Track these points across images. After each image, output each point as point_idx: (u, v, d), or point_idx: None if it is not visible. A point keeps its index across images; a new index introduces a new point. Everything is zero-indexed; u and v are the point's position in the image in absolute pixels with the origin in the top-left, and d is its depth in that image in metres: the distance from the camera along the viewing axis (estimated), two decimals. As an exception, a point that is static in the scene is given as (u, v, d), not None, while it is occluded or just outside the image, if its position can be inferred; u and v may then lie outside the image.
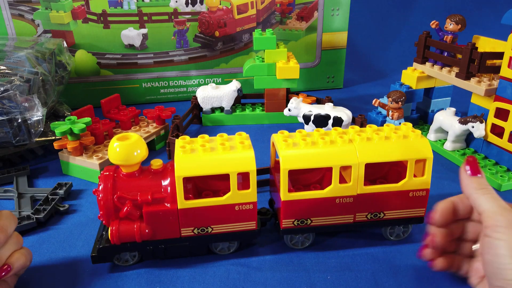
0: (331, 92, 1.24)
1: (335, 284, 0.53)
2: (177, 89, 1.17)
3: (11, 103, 0.72)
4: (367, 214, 0.57)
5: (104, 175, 0.53)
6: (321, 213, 0.56)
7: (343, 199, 0.55)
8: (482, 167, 0.77)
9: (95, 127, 0.80)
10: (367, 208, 0.56)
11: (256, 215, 0.55)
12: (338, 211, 0.56)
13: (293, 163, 0.53)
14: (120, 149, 0.51)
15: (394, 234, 0.60)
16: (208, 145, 0.53)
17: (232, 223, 0.55)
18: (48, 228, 0.64)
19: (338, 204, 0.55)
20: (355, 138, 0.55)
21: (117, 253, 0.55)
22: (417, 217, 0.58)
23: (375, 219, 0.57)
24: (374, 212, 0.57)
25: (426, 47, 0.89)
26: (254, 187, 0.53)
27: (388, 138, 0.56)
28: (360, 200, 0.55)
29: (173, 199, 0.53)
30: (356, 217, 0.57)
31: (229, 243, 0.58)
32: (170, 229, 0.54)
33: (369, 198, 0.56)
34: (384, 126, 0.58)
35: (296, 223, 0.56)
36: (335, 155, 0.54)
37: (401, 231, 0.60)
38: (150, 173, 0.54)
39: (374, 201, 0.56)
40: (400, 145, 0.55)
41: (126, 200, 0.52)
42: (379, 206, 0.57)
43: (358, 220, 0.57)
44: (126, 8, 1.07)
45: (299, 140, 0.55)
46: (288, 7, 1.14)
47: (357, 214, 0.57)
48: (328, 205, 0.55)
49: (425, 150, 0.55)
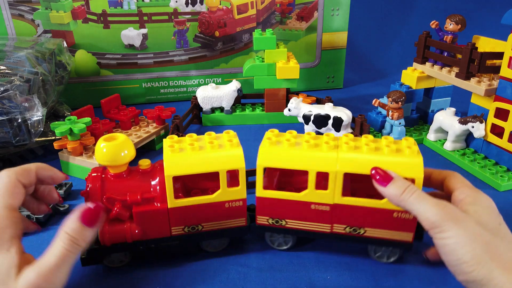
0: (331, 92, 1.24)
1: (335, 284, 0.53)
2: (177, 89, 1.17)
3: (11, 103, 0.72)
4: (345, 227, 0.54)
5: (92, 176, 0.53)
6: (296, 216, 0.55)
7: (318, 205, 0.53)
8: (482, 167, 0.77)
9: (95, 127, 0.80)
10: (345, 220, 0.53)
11: (245, 212, 0.56)
12: (313, 218, 0.54)
13: (269, 161, 0.53)
14: (107, 150, 0.51)
15: (379, 255, 0.56)
16: (196, 143, 0.54)
17: (222, 220, 0.56)
18: (48, 228, 0.64)
19: (314, 210, 0.53)
20: (342, 146, 0.52)
21: (107, 255, 0.54)
22: (403, 242, 0.53)
23: (354, 234, 0.54)
24: (354, 227, 0.53)
25: (426, 47, 0.89)
26: (243, 184, 0.54)
27: (378, 150, 0.51)
28: (337, 210, 0.53)
29: (163, 199, 0.53)
30: (333, 228, 0.54)
31: (219, 241, 0.58)
32: (161, 228, 0.54)
33: (347, 210, 0.52)
34: (382, 138, 0.54)
35: (270, 221, 0.56)
36: (313, 160, 0.52)
37: (386, 253, 0.55)
38: (139, 173, 0.54)
39: (353, 215, 0.53)
40: (389, 160, 0.50)
41: (115, 201, 0.52)
42: (359, 221, 0.53)
43: (335, 232, 0.54)
44: (126, 8, 1.07)
45: (284, 139, 0.54)
46: (288, 7, 1.14)
47: (334, 224, 0.54)
48: (303, 209, 0.54)
49: (416, 170, 0.49)
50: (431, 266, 0.55)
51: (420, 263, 0.56)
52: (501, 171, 0.75)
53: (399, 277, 0.54)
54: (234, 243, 0.60)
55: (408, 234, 0.52)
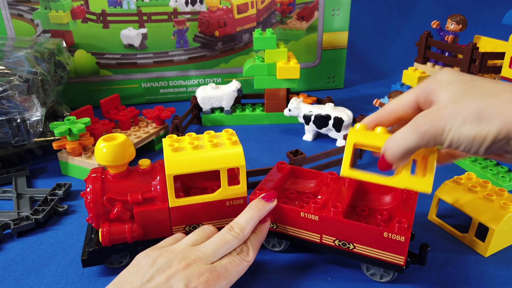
0: (331, 92, 1.24)
1: (335, 284, 0.53)
2: (176, 89, 1.17)
3: (10, 103, 0.71)
4: (334, 239, 0.52)
5: (92, 177, 0.53)
6: (286, 221, 0.54)
7: (308, 214, 0.52)
8: (483, 168, 0.76)
9: (94, 128, 0.80)
10: (333, 232, 0.52)
11: None
12: (303, 226, 0.53)
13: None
14: (106, 150, 0.51)
15: (371, 271, 0.54)
16: (196, 142, 0.54)
17: (223, 219, 0.56)
18: (47, 229, 0.64)
19: (303, 218, 0.53)
20: None
21: (108, 255, 0.54)
22: (393, 264, 0.50)
23: (344, 248, 0.52)
24: (342, 241, 0.52)
25: (427, 47, 0.89)
26: (244, 182, 0.54)
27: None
28: (326, 221, 0.52)
29: (163, 198, 0.53)
30: (322, 239, 0.53)
31: None
32: (162, 228, 0.54)
33: (335, 222, 0.51)
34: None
35: None
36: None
37: (379, 273, 0.53)
38: (138, 173, 0.54)
39: (340, 228, 0.51)
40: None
41: (116, 202, 0.51)
42: (347, 236, 0.51)
43: (325, 243, 0.53)
44: (125, 7, 1.06)
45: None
46: (288, 6, 1.14)
47: (323, 235, 0.53)
48: (293, 215, 0.54)
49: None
50: (432, 268, 0.55)
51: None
52: (502, 172, 0.75)
53: (399, 277, 0.54)
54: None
55: (399, 257, 0.49)
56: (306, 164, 0.72)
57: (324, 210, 0.52)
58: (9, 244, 0.61)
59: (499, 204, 0.57)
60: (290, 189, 0.61)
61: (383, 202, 0.58)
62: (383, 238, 0.49)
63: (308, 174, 0.62)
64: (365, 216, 0.56)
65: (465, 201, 0.59)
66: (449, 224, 0.63)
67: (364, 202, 0.58)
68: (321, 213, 0.52)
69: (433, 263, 0.56)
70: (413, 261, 0.52)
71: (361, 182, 0.59)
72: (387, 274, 0.53)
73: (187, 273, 0.44)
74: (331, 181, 0.59)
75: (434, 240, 0.61)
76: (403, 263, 0.50)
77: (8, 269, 0.56)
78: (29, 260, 0.58)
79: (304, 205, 0.57)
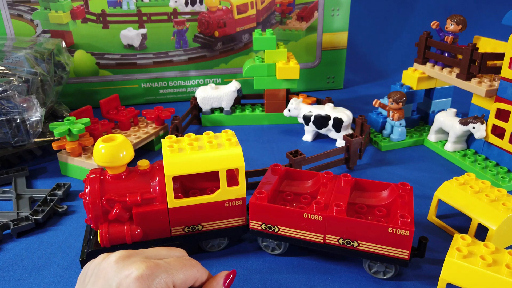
0: (331, 92, 1.24)
1: (335, 285, 0.53)
2: (176, 90, 1.17)
3: (10, 104, 0.71)
4: (338, 238, 0.53)
5: (91, 177, 0.52)
6: (288, 224, 0.54)
7: (311, 215, 0.52)
8: (483, 169, 0.76)
9: (94, 128, 0.80)
10: (337, 232, 0.52)
11: (245, 210, 0.56)
12: (306, 227, 0.53)
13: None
14: (105, 151, 0.50)
15: (373, 270, 0.54)
16: (195, 143, 0.54)
17: (222, 220, 0.56)
18: (46, 229, 0.64)
19: (306, 219, 0.53)
20: None
21: None
22: (398, 259, 0.51)
23: (348, 246, 0.53)
24: (347, 239, 0.52)
25: (427, 48, 0.89)
26: (243, 183, 0.54)
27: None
28: (330, 221, 0.52)
29: (163, 199, 0.53)
30: (326, 239, 0.53)
31: (219, 240, 0.58)
32: (161, 229, 0.54)
33: (339, 221, 0.52)
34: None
35: (263, 227, 0.55)
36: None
37: (382, 269, 0.54)
38: (137, 174, 0.54)
39: (344, 227, 0.52)
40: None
41: (115, 202, 0.51)
42: (351, 234, 0.52)
43: (328, 243, 0.53)
44: (125, 8, 1.06)
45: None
46: (288, 7, 1.14)
47: (327, 235, 0.53)
48: (295, 217, 0.53)
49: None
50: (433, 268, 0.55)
51: (420, 263, 0.55)
52: (502, 172, 0.75)
53: (400, 278, 0.54)
54: (234, 244, 0.60)
55: (403, 251, 0.50)
56: (306, 164, 0.72)
57: (327, 210, 0.52)
58: (9, 245, 0.61)
59: (499, 205, 0.57)
60: (286, 191, 0.61)
61: (380, 198, 0.59)
62: (388, 234, 0.50)
63: (303, 175, 0.63)
64: (364, 213, 0.56)
65: (465, 201, 0.59)
66: (448, 224, 0.63)
67: (361, 200, 0.59)
68: (325, 213, 0.52)
69: (433, 263, 0.56)
70: (412, 254, 0.53)
71: (357, 179, 0.60)
72: (390, 270, 0.53)
73: None
74: (328, 181, 0.59)
75: (433, 241, 0.61)
76: (408, 257, 0.50)
77: (8, 269, 0.56)
78: (29, 260, 0.57)
79: (303, 206, 0.57)
